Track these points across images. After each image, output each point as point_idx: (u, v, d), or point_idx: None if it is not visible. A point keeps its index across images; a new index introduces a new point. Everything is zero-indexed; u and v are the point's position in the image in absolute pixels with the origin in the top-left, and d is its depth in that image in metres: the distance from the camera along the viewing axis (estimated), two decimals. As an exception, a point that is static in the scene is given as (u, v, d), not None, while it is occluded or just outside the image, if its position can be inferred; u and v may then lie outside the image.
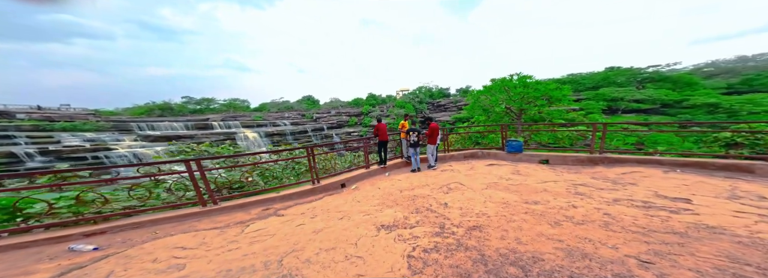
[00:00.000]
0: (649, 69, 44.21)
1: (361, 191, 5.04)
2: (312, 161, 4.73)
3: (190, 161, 3.45)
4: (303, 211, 3.91)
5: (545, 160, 6.16)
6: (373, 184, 5.51)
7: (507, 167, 5.90)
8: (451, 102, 44.63)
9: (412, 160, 6.27)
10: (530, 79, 10.79)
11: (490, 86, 11.93)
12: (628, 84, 41.06)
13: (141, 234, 3.16)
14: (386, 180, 5.68)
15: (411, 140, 6.14)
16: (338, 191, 5.14)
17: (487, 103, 11.84)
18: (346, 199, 4.54)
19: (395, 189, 4.82)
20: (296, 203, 4.32)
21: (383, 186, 5.17)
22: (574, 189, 4.07)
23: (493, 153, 6.95)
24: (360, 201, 4.35)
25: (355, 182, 5.68)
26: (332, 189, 5.15)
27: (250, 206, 3.99)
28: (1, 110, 27.51)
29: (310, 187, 4.78)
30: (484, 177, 5.15)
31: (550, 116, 10.30)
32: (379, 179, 5.83)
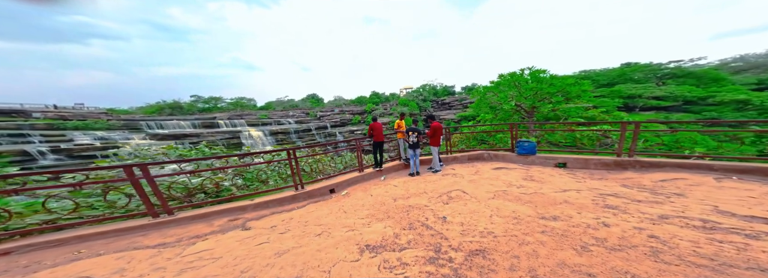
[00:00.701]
0: (671, 65, 41.80)
1: (351, 198, 4.48)
2: (294, 164, 4.19)
3: (132, 166, 2.94)
4: (275, 223, 3.37)
5: (562, 163, 5.41)
6: (365, 190, 4.94)
7: (517, 172, 5.20)
8: (455, 100, 43.56)
9: (410, 163, 5.66)
10: (544, 73, 9.78)
11: (498, 82, 10.88)
12: (646, 80, 38.87)
13: (58, 255, 2.62)
14: (381, 186, 5.09)
15: (410, 141, 5.53)
16: (325, 197, 4.59)
17: (495, 100, 10.90)
18: (331, 208, 3.98)
19: (389, 197, 4.23)
20: (273, 212, 3.79)
21: (376, 193, 4.58)
22: (603, 201, 3.36)
23: (501, 155, 6.23)
24: (347, 212, 3.78)
25: (347, 187, 5.12)
26: (319, 196, 4.60)
27: (215, 216, 3.48)
28: (18, 109, 28.49)
29: (293, 193, 4.25)
30: (491, 184, 4.48)
31: (565, 114, 9.38)
32: (373, 184, 5.25)
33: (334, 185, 4.90)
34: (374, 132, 5.63)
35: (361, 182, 5.43)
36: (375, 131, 5.62)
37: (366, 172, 5.62)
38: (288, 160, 4.13)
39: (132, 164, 2.95)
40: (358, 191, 4.94)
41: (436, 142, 5.53)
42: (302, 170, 5.22)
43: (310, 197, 4.43)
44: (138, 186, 2.93)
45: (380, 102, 48.10)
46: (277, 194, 4.14)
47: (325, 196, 4.68)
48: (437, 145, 5.55)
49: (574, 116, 9.00)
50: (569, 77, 9.06)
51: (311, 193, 4.45)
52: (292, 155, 4.15)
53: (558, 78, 9.26)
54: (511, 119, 11.02)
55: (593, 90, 35.89)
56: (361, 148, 5.50)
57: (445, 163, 6.32)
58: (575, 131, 5.24)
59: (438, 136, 5.50)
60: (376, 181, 5.52)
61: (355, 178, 5.35)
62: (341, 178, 5.21)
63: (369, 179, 5.62)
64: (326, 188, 4.77)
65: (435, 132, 5.43)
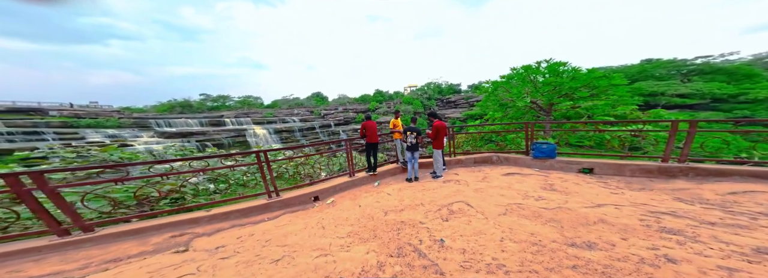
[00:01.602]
0: (697, 60, 38.91)
1: (336, 208, 3.82)
2: (265, 169, 3.55)
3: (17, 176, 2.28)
4: (227, 242, 2.74)
5: (587, 169, 4.55)
6: (355, 198, 4.27)
7: (534, 179, 4.38)
8: (461, 98, 42.29)
9: (408, 167, 4.94)
10: (564, 66, 8.39)
11: (509, 76, 9.61)
12: (670, 77, 36.33)
13: None
14: (373, 193, 4.41)
15: (408, 142, 4.80)
16: (306, 206, 3.95)
17: (506, 96, 9.68)
18: (308, 221, 3.33)
19: (379, 210, 3.53)
20: (234, 225, 3.17)
21: (366, 203, 3.90)
22: (657, 221, 2.55)
23: (513, 158, 5.41)
24: (325, 227, 3.12)
25: (334, 194, 4.47)
26: (298, 204, 3.96)
27: (155, 231, 2.85)
28: (36, 108, 29.51)
29: (264, 202, 3.61)
30: (502, 194, 3.70)
31: (587, 112, 8.13)
32: (364, 192, 4.57)
33: (319, 192, 4.25)
34: (367, 132, 4.94)
35: (351, 188, 4.76)
36: (368, 131, 4.93)
37: (357, 176, 4.95)
38: (258, 164, 3.47)
39: (18, 173, 2.33)
40: (346, 199, 4.27)
41: (439, 144, 4.76)
42: (284, 174, 4.60)
43: (287, 207, 3.80)
44: (29, 199, 2.32)
45: (384, 100, 47.47)
46: (243, 203, 3.52)
47: (306, 205, 4.03)
48: (440, 147, 4.77)
49: (599, 114, 7.88)
50: (596, 69, 7.86)
51: (288, 201, 3.81)
52: (263, 159, 3.50)
53: (581, 71, 8.13)
54: (523, 117, 9.91)
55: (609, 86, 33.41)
56: (351, 149, 4.81)
57: (447, 167, 5.56)
58: (605, 131, 4.35)
59: (441, 137, 4.73)
60: (368, 187, 4.84)
61: (344, 184, 4.69)
62: (329, 183, 4.55)
63: (361, 184, 4.94)
64: (309, 196, 4.12)
65: (438, 133, 4.66)
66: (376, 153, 5.13)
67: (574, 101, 7.86)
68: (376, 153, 5.13)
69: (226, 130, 36.08)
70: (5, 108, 28.02)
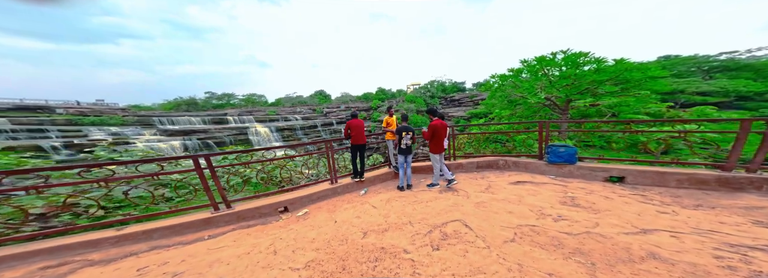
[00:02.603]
0: (721, 56, 36.69)
1: (304, 224, 3.14)
2: (208, 175, 2.86)
3: None
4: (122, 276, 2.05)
5: (617, 177, 3.74)
6: (332, 210, 3.58)
7: (550, 189, 3.60)
8: (466, 97, 41.09)
9: (400, 173, 4.22)
10: (585, 56, 6.95)
11: (519, 69, 8.17)
12: (689, 74, 34.31)
13: None
14: (356, 204, 3.72)
15: (403, 144, 4.08)
16: (267, 221, 3.28)
17: (516, 92, 8.33)
18: (257, 243, 2.66)
19: (357, 229, 2.83)
20: (153, 247, 2.50)
21: (343, 218, 3.21)
22: (744, 261, 1.76)
23: (523, 163, 4.61)
24: (277, 252, 2.44)
25: (309, 204, 3.79)
26: (257, 217, 3.29)
27: (21, 260, 2.18)
28: (43, 105, 29.94)
29: (206, 216, 2.93)
30: (510, 211, 2.95)
31: (611, 110, 6.80)
32: (346, 202, 3.88)
33: (290, 202, 3.58)
34: (352, 132, 4.24)
35: (332, 197, 4.08)
36: (353, 131, 4.23)
37: (341, 183, 4.25)
38: (197, 171, 2.77)
39: None
40: (322, 211, 3.58)
41: (437, 147, 3.95)
42: (252, 180, 3.93)
43: (241, 221, 3.12)
44: None
45: (386, 98, 46.75)
46: (177, 218, 2.83)
47: (270, 218, 3.36)
48: (438, 152, 3.98)
49: (627, 112, 6.56)
50: (625, 60, 6.39)
51: (243, 214, 3.14)
52: (204, 165, 2.81)
53: (606, 62, 6.70)
54: (535, 116, 8.67)
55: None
56: (332, 152, 4.11)
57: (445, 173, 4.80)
58: (640, 132, 3.50)
59: (439, 139, 3.93)
60: (352, 196, 4.14)
61: (324, 192, 4.00)
62: (304, 191, 3.87)
63: (344, 193, 4.25)
64: (275, 206, 3.45)
65: (434, 133, 3.89)
66: (363, 156, 4.42)
67: (596, 98, 6.77)
68: (363, 156, 4.42)
69: (228, 128, 36.00)
70: (13, 106, 28.49)
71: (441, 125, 3.90)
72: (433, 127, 3.89)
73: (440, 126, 3.90)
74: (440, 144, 3.95)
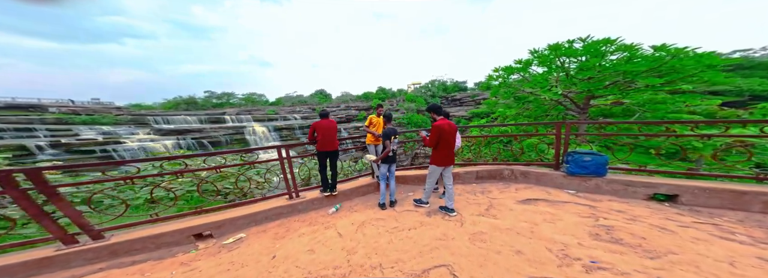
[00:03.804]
0: (735, 54, 35.32)
1: (222, 259, 2.27)
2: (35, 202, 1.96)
3: None
4: None
5: (665, 195, 2.82)
6: (281, 235, 2.73)
7: (574, 212, 2.70)
8: (467, 96, 40.16)
9: (381, 187, 3.32)
10: (612, 44, 5.52)
11: (527, 61, 6.80)
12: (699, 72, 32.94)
13: None
14: (318, 227, 2.86)
15: (390, 151, 3.18)
16: (168, 254, 2.39)
17: (525, 87, 7.08)
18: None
19: (298, 274, 1.95)
20: None
21: (287, 251, 2.35)
22: None
23: (534, 173, 3.70)
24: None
25: (250, 226, 2.93)
26: (152, 250, 2.41)
27: None
28: (35, 104, 29.42)
29: (49, 254, 2.01)
30: (520, 250, 2.06)
31: (643, 108, 5.49)
32: (306, 223, 3.01)
33: (215, 225, 2.70)
34: (318, 135, 3.34)
35: (288, 215, 3.20)
36: (320, 134, 3.33)
37: (304, 198, 3.37)
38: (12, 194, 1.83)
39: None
40: (265, 237, 2.71)
41: (444, 158, 2.84)
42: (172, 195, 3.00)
43: (116, 257, 2.22)
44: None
45: (387, 98, 46.02)
46: None
47: (176, 248, 2.47)
48: (445, 164, 2.87)
49: (665, 111, 5.23)
50: (667, 46, 5.04)
51: (121, 248, 2.24)
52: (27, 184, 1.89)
53: (640, 50, 5.27)
54: (547, 116, 7.31)
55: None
56: (290, 160, 3.21)
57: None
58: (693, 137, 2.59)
59: (446, 146, 2.83)
60: (318, 215, 3.26)
61: (277, 209, 3.13)
62: (247, 209, 2.99)
63: (308, 209, 3.37)
64: (189, 232, 2.55)
65: (440, 138, 2.77)
66: (335, 166, 3.52)
67: (623, 93, 5.46)
68: (335, 166, 3.52)
69: (224, 127, 35.35)
70: (4, 104, 27.96)
71: (449, 127, 2.78)
72: (438, 129, 2.75)
73: (448, 128, 2.77)
74: (448, 154, 2.83)
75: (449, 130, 2.79)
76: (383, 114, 3.47)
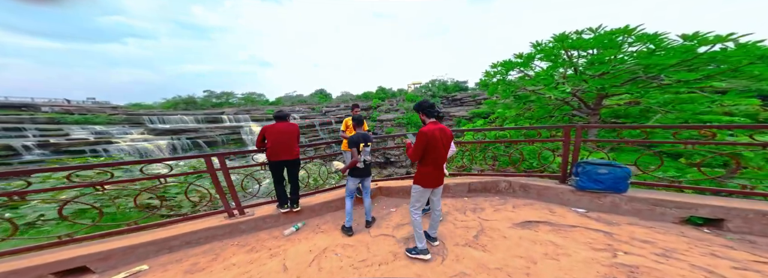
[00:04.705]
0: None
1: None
2: None
3: None
4: None
5: (700, 218, 2.22)
6: (196, 269, 2.19)
7: (585, 242, 2.11)
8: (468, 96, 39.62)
9: (347, 207, 2.67)
10: (628, 34, 4.56)
11: (529, 55, 6.00)
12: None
13: None
14: (261, 255, 2.30)
15: (361, 162, 2.55)
16: None
17: (526, 84, 6.31)
18: None
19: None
20: None
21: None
22: None
23: (535, 187, 3.09)
24: None
25: (159, 254, 2.34)
26: None
27: None
28: (28, 103, 29.04)
29: None
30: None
31: (664, 108, 4.66)
32: (245, 249, 2.44)
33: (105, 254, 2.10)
34: (269, 142, 2.70)
35: (224, 238, 2.62)
36: (271, 140, 2.69)
37: (252, 215, 2.79)
38: None
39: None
40: (174, 270, 2.15)
41: (429, 177, 2.02)
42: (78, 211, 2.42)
43: None
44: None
45: (387, 98, 45.62)
46: None
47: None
48: (431, 185, 2.05)
49: (693, 111, 4.37)
50: (699, 35, 4.13)
51: None
52: None
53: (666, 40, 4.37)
54: (552, 117, 6.54)
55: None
56: (226, 170, 2.60)
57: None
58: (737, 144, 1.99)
59: (435, 158, 2.00)
60: (267, 237, 2.67)
61: (208, 230, 2.53)
62: (167, 231, 2.39)
63: (256, 230, 2.79)
64: (53, 267, 1.95)
65: (427, 148, 1.95)
66: (296, 177, 2.90)
67: (643, 91, 4.60)
68: (296, 177, 2.90)
69: (220, 127, 34.88)
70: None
71: (440, 133, 1.97)
72: (424, 137, 1.90)
73: (439, 136, 1.96)
74: (437, 171, 2.01)
75: (441, 138, 1.96)
76: (354, 117, 2.81)
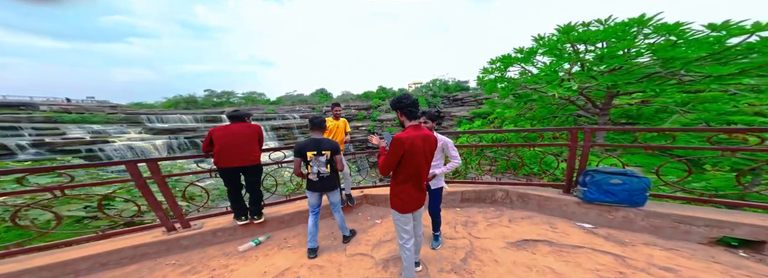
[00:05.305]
0: None
1: None
2: None
3: None
4: None
5: (736, 239, 1.80)
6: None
7: (591, 266, 1.73)
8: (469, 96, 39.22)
9: (309, 222, 2.23)
10: (644, 25, 4.03)
11: (531, 49, 5.49)
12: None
13: None
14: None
15: (314, 174, 2.09)
16: None
17: (527, 82, 5.83)
18: None
19: None
20: None
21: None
22: None
23: (536, 197, 2.68)
24: None
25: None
26: None
27: None
28: (26, 102, 29.00)
29: None
30: None
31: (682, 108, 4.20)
32: (182, 270, 2.06)
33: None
34: (216, 146, 2.25)
35: (158, 256, 2.24)
36: (219, 143, 2.25)
37: (204, 228, 2.40)
38: None
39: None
40: None
41: (404, 197, 1.51)
42: None
43: None
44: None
45: (387, 97, 45.31)
46: None
47: None
48: (407, 209, 1.54)
49: (719, 111, 3.89)
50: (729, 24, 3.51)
51: None
52: None
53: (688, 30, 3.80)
54: (555, 118, 6.04)
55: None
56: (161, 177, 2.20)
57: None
58: None
59: (409, 174, 1.48)
60: (219, 253, 2.30)
61: (137, 248, 2.14)
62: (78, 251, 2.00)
63: (203, 245, 2.41)
64: None
65: (405, 159, 1.43)
66: (255, 185, 2.49)
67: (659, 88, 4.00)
68: (255, 185, 2.49)
69: (218, 127, 34.66)
70: (-5, 102, 27.52)
71: (423, 142, 1.46)
72: (399, 145, 1.40)
73: (420, 145, 1.44)
74: (414, 189, 1.53)
75: (423, 148, 1.45)
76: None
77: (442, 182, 2.07)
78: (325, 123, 2.21)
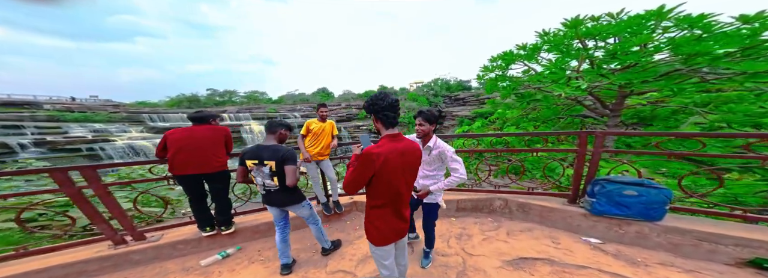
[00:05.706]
0: None
1: None
2: None
3: None
4: None
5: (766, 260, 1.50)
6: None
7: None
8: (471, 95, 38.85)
9: (276, 237, 1.94)
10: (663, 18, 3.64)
11: (534, 45, 5.05)
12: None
13: None
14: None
15: (259, 185, 1.74)
16: None
17: (530, 81, 5.41)
18: None
19: None
20: None
21: None
22: None
23: (538, 207, 2.40)
24: None
25: None
26: None
27: None
28: (30, 101, 29.26)
29: None
30: None
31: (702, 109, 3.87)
32: None
33: None
34: (171, 149, 2.01)
35: (99, 274, 1.99)
36: (174, 147, 2.00)
37: (162, 240, 2.17)
38: None
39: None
40: None
41: (382, 227, 1.19)
42: None
43: None
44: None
45: (388, 97, 45.26)
46: None
47: None
48: (382, 241, 1.22)
49: (745, 112, 3.50)
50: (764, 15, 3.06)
51: None
52: None
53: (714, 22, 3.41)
54: (560, 118, 5.69)
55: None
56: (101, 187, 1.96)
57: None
58: None
59: (385, 196, 1.14)
60: (178, 267, 2.07)
61: (77, 266, 1.90)
62: None
63: (161, 259, 2.19)
64: None
65: (380, 175, 1.08)
66: (221, 192, 2.25)
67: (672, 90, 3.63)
68: (221, 192, 2.25)
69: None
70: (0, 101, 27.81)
71: (401, 158, 1.12)
72: (370, 163, 1.05)
73: (396, 159, 1.10)
74: (393, 215, 1.19)
75: (400, 165, 1.13)
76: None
77: (439, 199, 1.74)
78: (282, 128, 1.80)
